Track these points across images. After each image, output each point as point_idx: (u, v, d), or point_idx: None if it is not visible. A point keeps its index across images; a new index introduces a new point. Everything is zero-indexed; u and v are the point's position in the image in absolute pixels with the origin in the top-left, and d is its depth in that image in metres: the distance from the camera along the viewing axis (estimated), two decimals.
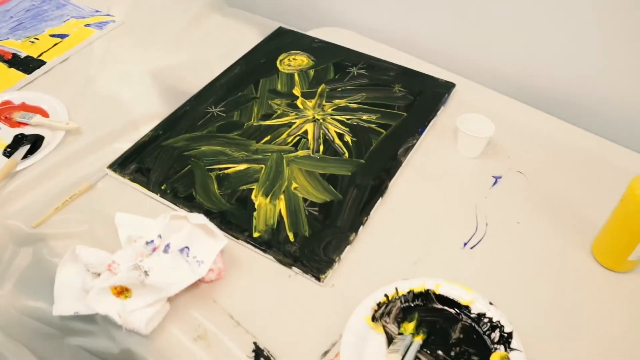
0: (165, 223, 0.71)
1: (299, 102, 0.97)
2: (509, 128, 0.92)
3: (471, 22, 1.04)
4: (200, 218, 0.71)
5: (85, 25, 1.19)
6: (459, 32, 1.07)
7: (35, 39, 1.16)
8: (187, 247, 0.69)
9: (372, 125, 0.92)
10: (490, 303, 0.66)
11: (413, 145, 0.89)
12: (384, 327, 0.66)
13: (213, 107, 0.96)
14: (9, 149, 0.92)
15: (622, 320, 0.68)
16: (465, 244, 0.76)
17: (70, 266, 0.72)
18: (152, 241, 0.70)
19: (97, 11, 1.23)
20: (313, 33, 1.16)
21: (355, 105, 0.96)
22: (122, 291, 0.67)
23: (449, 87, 1.01)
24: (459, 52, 1.09)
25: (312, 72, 1.04)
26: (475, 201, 0.81)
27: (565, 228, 0.78)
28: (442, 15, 1.07)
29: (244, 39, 1.14)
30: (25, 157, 0.90)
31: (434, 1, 1.07)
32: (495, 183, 0.84)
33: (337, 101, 0.97)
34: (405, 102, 0.97)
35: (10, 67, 1.09)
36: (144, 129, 0.93)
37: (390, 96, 0.99)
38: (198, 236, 0.71)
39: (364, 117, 0.94)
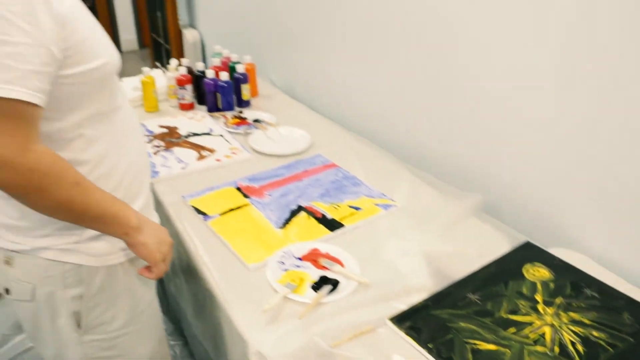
0: None
1: (539, 307, 1.20)
2: None
3: None
4: None
5: (374, 204, 1.56)
6: None
7: (338, 205, 1.55)
8: None
9: (601, 342, 1.12)
10: None
11: None
12: None
13: (471, 294, 1.23)
14: (315, 285, 1.26)
15: None
16: None
17: None
18: None
19: (383, 194, 1.61)
20: (553, 251, 1.40)
21: (587, 322, 1.17)
22: None
23: None
24: None
25: (552, 285, 1.27)
26: None
27: None
28: None
29: (496, 242, 1.42)
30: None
31: None
32: None
33: (572, 314, 1.19)
34: (632, 330, 1.15)
35: (319, 223, 1.48)
36: (416, 296, 1.22)
37: (619, 321, 1.17)
38: None
39: (594, 333, 1.14)
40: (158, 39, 4.74)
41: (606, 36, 1.23)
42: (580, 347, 1.10)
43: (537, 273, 1.31)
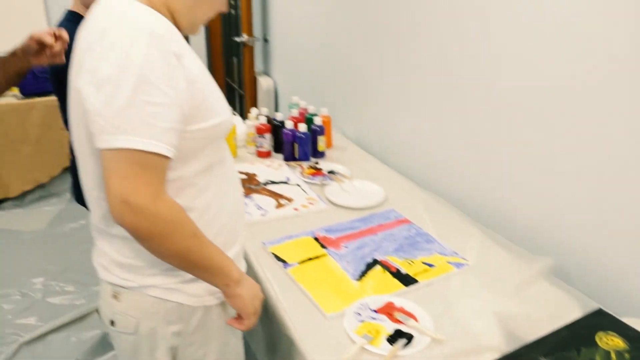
0: None
1: None
2: None
3: None
4: None
5: (447, 262, 1.62)
6: None
7: (412, 261, 1.62)
8: None
9: None
10: None
11: None
12: None
13: (543, 357, 1.27)
14: (390, 338, 1.32)
15: None
16: None
17: None
18: None
19: (455, 253, 1.67)
20: (627, 320, 1.42)
21: None
22: None
23: None
24: None
25: (627, 355, 1.29)
26: None
27: None
28: None
29: (567, 307, 1.45)
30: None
31: None
32: None
33: None
34: None
35: (394, 277, 1.55)
36: (488, 356, 1.27)
37: None
38: None
39: None
40: (232, 83, 4.98)
41: None
42: None
43: (610, 342, 1.33)
